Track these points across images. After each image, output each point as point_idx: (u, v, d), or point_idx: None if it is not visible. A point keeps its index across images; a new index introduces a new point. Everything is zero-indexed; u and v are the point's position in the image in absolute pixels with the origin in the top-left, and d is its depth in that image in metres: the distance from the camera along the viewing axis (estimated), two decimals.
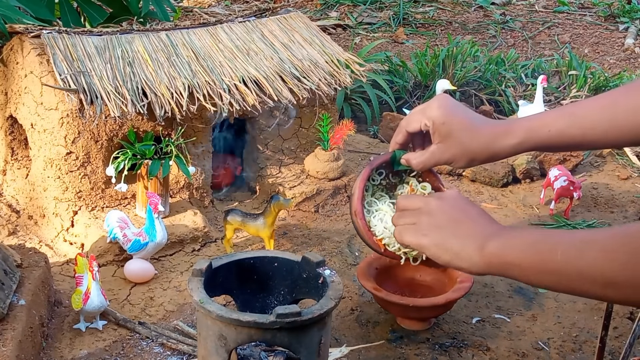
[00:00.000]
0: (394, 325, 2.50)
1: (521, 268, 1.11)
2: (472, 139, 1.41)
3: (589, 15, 6.31)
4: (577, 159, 3.64)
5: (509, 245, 1.14)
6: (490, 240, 1.16)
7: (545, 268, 1.08)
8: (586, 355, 2.39)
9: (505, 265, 1.13)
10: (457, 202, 1.26)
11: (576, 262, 1.05)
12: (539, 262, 1.09)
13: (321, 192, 3.28)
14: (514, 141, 1.39)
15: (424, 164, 1.52)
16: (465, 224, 1.21)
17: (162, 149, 2.92)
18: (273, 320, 1.82)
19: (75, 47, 2.89)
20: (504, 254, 1.13)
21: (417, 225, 1.25)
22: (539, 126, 1.38)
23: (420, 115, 1.46)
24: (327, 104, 3.39)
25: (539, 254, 1.09)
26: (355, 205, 1.71)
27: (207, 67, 3.06)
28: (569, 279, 1.06)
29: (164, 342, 2.36)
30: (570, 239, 1.08)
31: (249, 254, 2.20)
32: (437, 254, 1.22)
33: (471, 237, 1.18)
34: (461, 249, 1.18)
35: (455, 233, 1.20)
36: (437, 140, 1.45)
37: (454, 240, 1.20)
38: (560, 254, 1.06)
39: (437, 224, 1.23)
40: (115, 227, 2.72)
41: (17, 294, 2.23)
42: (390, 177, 1.87)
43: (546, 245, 1.09)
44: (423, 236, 1.23)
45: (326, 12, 6.21)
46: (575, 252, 1.06)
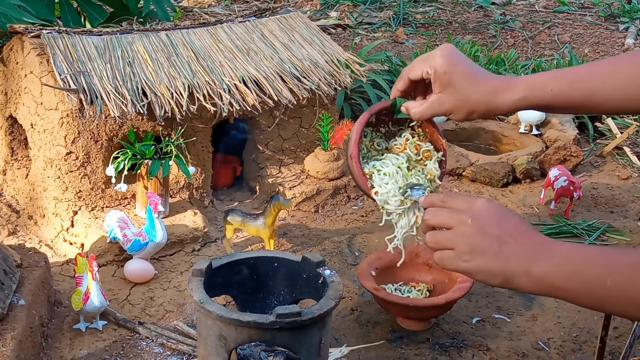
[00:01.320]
0: (394, 325, 2.50)
1: (571, 294, 1.09)
2: (473, 91, 1.38)
3: (589, 15, 6.31)
4: (577, 159, 3.64)
5: (556, 269, 1.10)
6: (537, 263, 1.11)
7: (594, 294, 1.06)
8: (586, 355, 2.39)
9: (554, 289, 1.10)
10: (492, 217, 1.18)
11: (627, 290, 1.03)
12: (588, 288, 1.07)
13: (321, 192, 3.28)
14: (515, 96, 1.37)
15: (423, 113, 1.49)
16: (507, 244, 1.15)
17: (162, 149, 2.92)
18: (273, 320, 1.82)
19: (75, 47, 2.89)
20: (552, 279, 1.10)
21: (456, 251, 1.18)
22: (541, 84, 1.36)
23: (423, 63, 1.43)
24: (327, 104, 3.39)
25: (588, 281, 1.07)
26: (351, 148, 1.70)
27: (207, 67, 3.06)
28: (620, 305, 1.05)
29: (164, 342, 2.36)
30: (619, 264, 1.06)
31: (249, 254, 2.20)
32: (485, 280, 1.17)
33: (515, 259, 1.13)
34: (508, 274, 1.14)
35: (499, 256, 1.14)
36: (437, 90, 1.42)
37: (498, 264, 1.14)
38: (610, 281, 1.04)
39: (477, 248, 1.16)
40: (115, 227, 2.72)
41: (17, 294, 2.23)
42: (390, 126, 1.86)
43: (594, 271, 1.07)
44: (465, 263, 1.17)
45: (326, 12, 6.20)
46: (624, 279, 1.04)
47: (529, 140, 3.84)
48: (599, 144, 4.06)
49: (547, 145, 3.78)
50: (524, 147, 3.81)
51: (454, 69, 1.39)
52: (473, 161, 3.61)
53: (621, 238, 3.13)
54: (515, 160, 3.61)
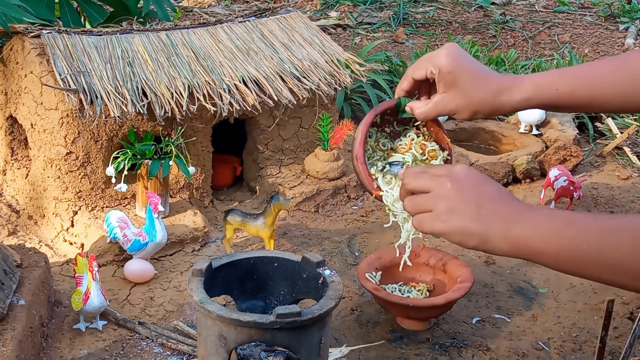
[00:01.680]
0: (394, 325, 2.50)
1: (547, 256, 1.09)
2: (478, 91, 1.38)
3: (589, 15, 6.31)
4: (577, 159, 3.64)
5: (533, 231, 1.10)
6: (514, 225, 1.11)
7: (570, 257, 1.06)
8: (586, 355, 2.39)
9: (531, 252, 1.10)
10: (472, 180, 1.18)
11: (603, 254, 1.03)
12: (564, 251, 1.06)
13: (321, 192, 3.28)
14: (520, 96, 1.37)
15: (427, 113, 1.49)
16: (485, 206, 1.15)
17: (162, 149, 2.92)
18: (273, 320, 1.82)
19: (75, 47, 2.89)
20: (529, 241, 1.10)
21: (434, 213, 1.18)
22: (547, 84, 1.35)
23: (427, 62, 1.43)
24: (327, 104, 3.39)
25: (563, 244, 1.06)
26: (356, 149, 1.70)
27: (207, 67, 3.06)
28: (595, 270, 1.04)
29: (164, 342, 2.36)
30: (595, 228, 1.05)
31: (249, 254, 2.20)
32: (461, 241, 1.16)
33: (494, 220, 1.13)
34: (485, 234, 1.13)
35: (477, 216, 1.14)
36: (442, 90, 1.42)
37: (476, 225, 1.14)
38: (586, 244, 1.04)
39: (455, 208, 1.16)
40: (115, 227, 2.72)
41: (17, 294, 2.23)
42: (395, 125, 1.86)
43: (570, 234, 1.06)
44: (443, 223, 1.17)
45: (326, 12, 6.20)
46: (601, 243, 1.03)
47: (529, 140, 3.84)
48: (599, 144, 4.06)
49: (547, 145, 3.78)
50: (524, 147, 3.81)
51: (458, 69, 1.39)
52: (473, 161, 3.61)
53: None
54: (515, 160, 3.61)
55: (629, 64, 1.32)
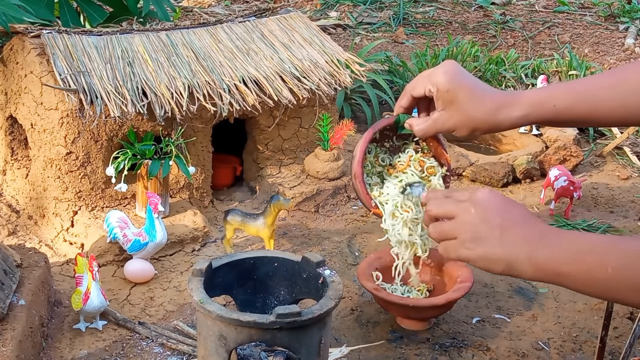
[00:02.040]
0: (394, 325, 2.50)
1: (573, 280, 1.09)
2: (476, 109, 1.39)
3: (589, 15, 6.31)
4: (577, 159, 3.64)
5: (558, 255, 1.10)
6: (538, 249, 1.12)
7: (597, 281, 1.06)
8: (586, 355, 2.39)
9: (557, 275, 1.10)
10: (494, 204, 1.19)
11: (628, 276, 1.03)
12: (590, 274, 1.07)
13: (321, 192, 3.28)
14: (518, 113, 1.37)
15: (426, 131, 1.50)
16: (509, 232, 1.15)
17: (162, 149, 2.92)
18: (273, 320, 1.82)
19: (75, 47, 2.89)
20: (553, 265, 1.10)
21: (459, 240, 1.19)
22: (544, 100, 1.36)
23: (426, 80, 1.44)
24: (327, 104, 3.39)
25: (589, 268, 1.07)
26: (355, 168, 1.71)
27: (207, 67, 3.06)
28: (621, 292, 1.05)
29: (164, 342, 2.36)
30: (620, 252, 1.06)
31: (249, 254, 2.20)
32: (487, 267, 1.17)
33: (518, 245, 1.14)
34: (510, 260, 1.14)
35: (501, 242, 1.15)
36: (440, 108, 1.43)
37: (500, 251, 1.14)
38: (611, 268, 1.04)
39: (479, 235, 1.17)
40: (115, 227, 2.72)
41: (17, 294, 2.23)
42: (394, 140, 1.86)
43: (596, 257, 1.07)
44: (468, 251, 1.18)
45: (326, 12, 6.20)
46: (626, 265, 1.04)
47: (529, 140, 3.84)
48: (599, 144, 4.06)
49: (547, 145, 3.78)
50: (524, 147, 3.80)
51: (456, 87, 1.40)
52: (473, 161, 3.61)
53: None
54: (515, 160, 3.61)
55: (627, 78, 1.32)
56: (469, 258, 1.19)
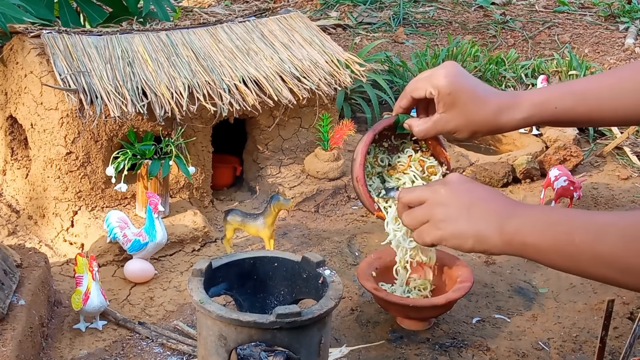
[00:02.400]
0: (394, 325, 2.50)
1: (539, 250, 1.10)
2: (477, 111, 1.39)
3: (589, 15, 6.31)
4: (577, 159, 3.64)
5: (527, 226, 1.11)
6: (508, 220, 1.13)
7: (563, 251, 1.07)
8: (586, 355, 2.39)
9: (524, 246, 1.11)
10: (464, 185, 1.21)
11: (594, 248, 1.03)
12: (557, 245, 1.07)
13: (321, 192, 3.28)
14: (519, 115, 1.37)
15: (427, 132, 1.50)
16: (478, 207, 1.17)
17: (162, 149, 2.92)
18: (273, 320, 1.82)
19: (75, 47, 2.89)
20: (522, 235, 1.11)
21: (431, 222, 1.20)
22: (545, 102, 1.36)
23: (426, 83, 1.44)
24: (327, 104, 3.39)
25: (557, 238, 1.07)
26: (356, 171, 1.71)
27: (207, 67, 3.06)
28: (586, 264, 1.05)
29: (164, 342, 2.36)
30: (588, 223, 1.07)
31: (249, 254, 2.20)
32: (459, 245, 1.18)
33: (487, 219, 1.15)
34: (480, 233, 1.15)
35: (470, 219, 1.16)
36: (441, 110, 1.43)
37: (470, 226, 1.16)
38: (578, 238, 1.05)
39: (450, 214, 1.18)
40: (115, 227, 2.72)
41: (17, 294, 2.23)
42: (392, 139, 1.86)
43: (564, 228, 1.07)
44: (440, 230, 1.19)
45: (326, 12, 6.20)
46: (593, 237, 1.04)
47: (529, 140, 3.84)
48: (599, 144, 4.06)
49: (547, 145, 3.78)
50: (524, 147, 3.80)
51: (458, 90, 1.40)
52: (473, 161, 3.61)
53: None
54: (515, 160, 3.61)
55: (628, 77, 1.33)
56: (441, 238, 1.19)
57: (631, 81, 1.31)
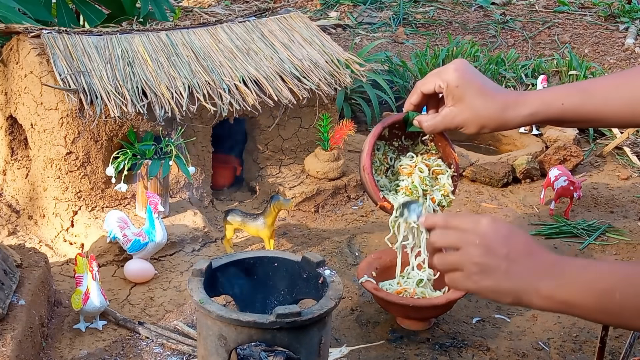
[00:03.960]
0: (394, 325, 2.50)
1: (581, 309, 1.10)
2: (485, 106, 1.40)
3: (589, 15, 6.31)
4: (577, 159, 3.64)
5: (565, 286, 1.11)
6: (546, 280, 1.12)
7: (605, 309, 1.07)
8: (586, 355, 2.39)
9: (565, 305, 1.11)
10: (499, 234, 1.17)
11: (635, 301, 1.04)
12: (598, 303, 1.07)
13: (321, 192, 3.28)
14: (526, 112, 1.38)
15: (435, 126, 1.51)
16: (515, 263, 1.15)
17: (162, 149, 2.92)
18: (273, 320, 1.82)
19: (75, 47, 2.89)
20: (562, 295, 1.11)
21: (465, 273, 1.18)
22: (552, 99, 1.37)
23: (436, 77, 1.46)
24: (327, 104, 3.39)
25: (598, 296, 1.07)
26: (364, 160, 1.71)
27: (207, 67, 3.06)
28: (629, 318, 1.06)
29: (164, 342, 2.36)
30: (627, 278, 1.07)
31: (249, 254, 2.20)
32: (496, 299, 1.18)
33: (525, 277, 1.14)
34: (519, 292, 1.14)
35: (508, 275, 1.14)
36: (450, 103, 1.44)
37: (508, 283, 1.15)
38: (619, 294, 1.05)
39: (486, 268, 1.16)
40: (115, 227, 2.72)
41: (17, 294, 2.22)
42: (402, 140, 1.86)
43: (604, 285, 1.07)
44: (475, 284, 1.17)
45: (326, 12, 6.20)
46: (633, 291, 1.04)
47: (529, 140, 3.84)
48: (599, 144, 4.06)
49: (547, 145, 3.78)
50: (524, 147, 3.81)
51: (466, 84, 1.41)
52: (473, 161, 3.61)
53: (621, 238, 3.13)
54: (515, 160, 3.61)
55: (635, 78, 1.33)
56: (476, 291, 1.18)
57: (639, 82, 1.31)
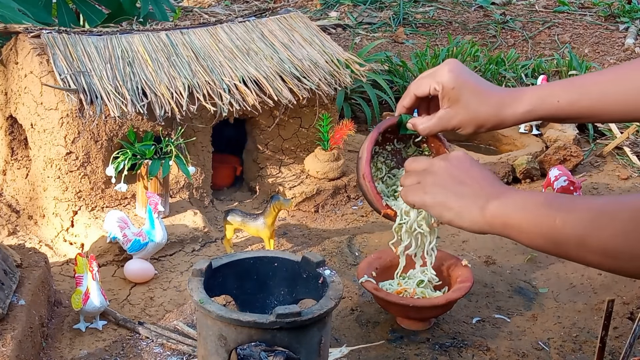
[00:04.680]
0: (394, 325, 2.50)
1: (520, 230, 1.11)
2: (481, 105, 1.40)
3: (589, 15, 6.31)
4: (577, 159, 3.64)
5: (511, 206, 1.13)
6: (493, 200, 1.15)
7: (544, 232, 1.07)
8: (586, 355, 2.39)
9: (505, 226, 1.13)
10: (462, 163, 1.24)
11: (574, 230, 1.04)
12: (538, 226, 1.08)
13: (321, 192, 3.28)
14: (522, 109, 1.39)
15: (431, 129, 1.51)
16: (468, 184, 1.20)
17: (162, 149, 2.92)
18: (273, 320, 1.82)
19: (75, 47, 2.89)
20: (504, 215, 1.13)
21: (421, 184, 1.24)
22: (548, 96, 1.37)
23: (430, 79, 1.45)
24: (327, 104, 3.39)
25: (538, 219, 1.08)
26: (363, 168, 1.70)
27: (207, 67, 3.06)
28: (567, 245, 1.05)
29: (164, 342, 2.36)
30: (572, 206, 1.07)
31: (249, 254, 2.20)
32: (439, 213, 1.21)
33: (474, 196, 1.18)
34: (463, 208, 1.18)
35: (458, 193, 1.20)
36: (445, 105, 1.44)
37: (456, 200, 1.19)
38: (559, 220, 1.05)
39: (440, 183, 1.22)
40: (115, 227, 2.72)
41: (17, 294, 2.22)
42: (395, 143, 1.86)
43: (546, 210, 1.08)
44: (425, 194, 1.23)
45: (326, 12, 6.20)
46: (573, 219, 1.05)
47: (529, 140, 3.84)
48: (599, 144, 4.06)
49: (547, 145, 3.78)
50: (524, 147, 3.81)
51: (462, 85, 1.41)
52: None
53: None
54: (515, 160, 3.61)
55: (630, 73, 1.33)
56: (424, 202, 1.23)
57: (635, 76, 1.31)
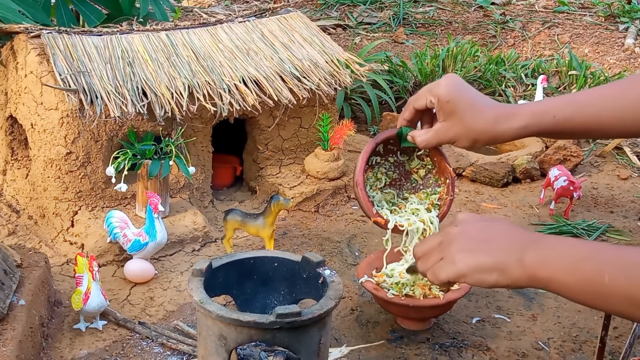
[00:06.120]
0: (394, 325, 2.50)
1: (565, 286, 1.06)
2: (476, 119, 1.40)
3: (589, 15, 6.31)
4: (577, 159, 3.64)
5: (550, 258, 1.07)
6: (529, 250, 1.08)
7: (592, 290, 1.03)
8: (586, 355, 2.39)
9: (548, 280, 1.07)
10: (476, 222, 1.17)
11: (626, 288, 1.00)
12: (585, 283, 1.03)
13: (321, 192, 3.28)
14: (518, 124, 1.38)
15: (428, 141, 1.52)
16: (495, 240, 1.12)
17: (162, 149, 2.92)
18: (273, 320, 1.82)
19: (75, 47, 2.89)
20: (545, 268, 1.06)
21: (445, 258, 1.15)
22: (544, 112, 1.37)
23: (427, 93, 1.47)
24: (327, 104, 3.39)
25: (585, 275, 1.03)
26: (357, 176, 1.74)
27: (207, 67, 3.06)
28: (617, 303, 1.02)
29: (164, 342, 2.36)
30: (619, 261, 1.03)
31: (249, 254, 2.20)
32: (479, 279, 1.12)
33: (506, 250, 1.10)
34: (501, 265, 1.09)
35: (489, 251, 1.11)
36: (441, 118, 1.45)
37: (489, 259, 1.10)
38: (608, 277, 1.01)
39: (465, 248, 1.13)
40: (116, 227, 2.72)
41: (17, 294, 2.23)
42: (398, 155, 1.87)
43: (592, 265, 1.03)
44: (455, 265, 1.13)
45: (326, 12, 6.20)
46: (624, 277, 1.00)
47: (529, 140, 3.84)
48: (598, 144, 4.06)
49: (547, 145, 3.78)
50: (524, 147, 3.81)
51: (457, 98, 1.42)
52: (473, 161, 3.61)
53: (621, 238, 3.13)
54: (515, 160, 3.61)
55: (626, 90, 1.33)
56: (458, 273, 1.13)
57: (631, 95, 1.31)
